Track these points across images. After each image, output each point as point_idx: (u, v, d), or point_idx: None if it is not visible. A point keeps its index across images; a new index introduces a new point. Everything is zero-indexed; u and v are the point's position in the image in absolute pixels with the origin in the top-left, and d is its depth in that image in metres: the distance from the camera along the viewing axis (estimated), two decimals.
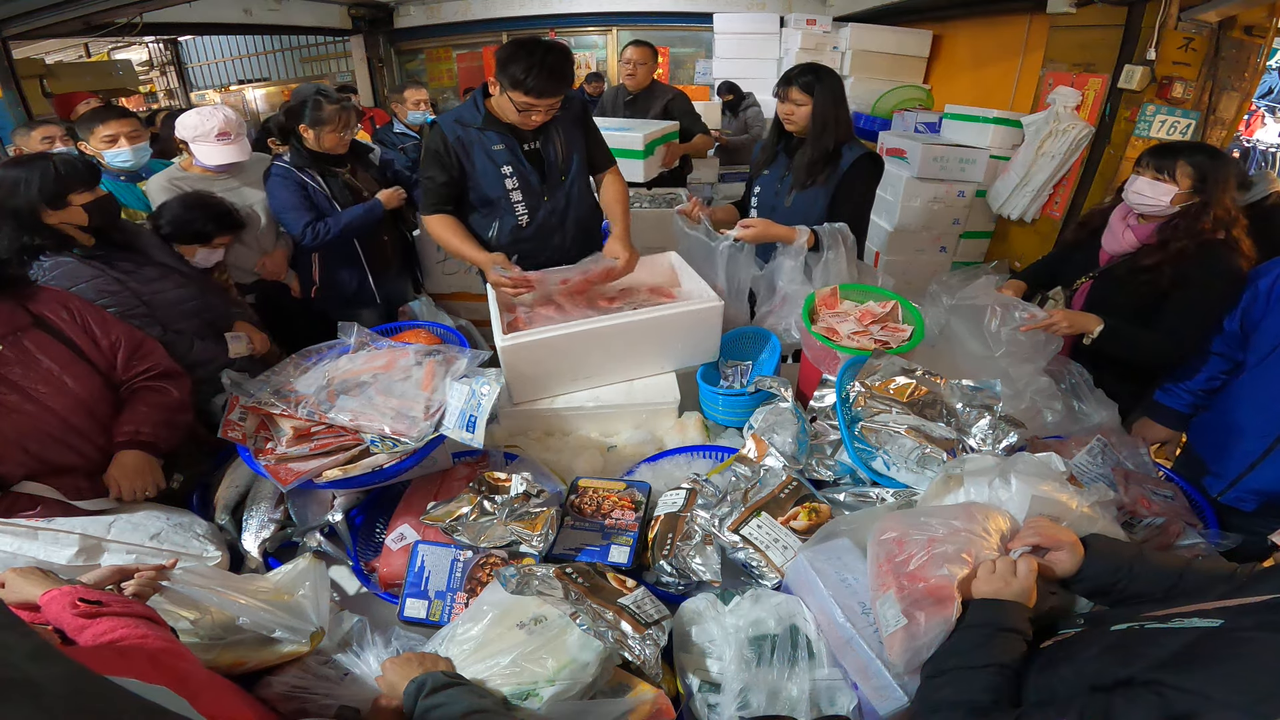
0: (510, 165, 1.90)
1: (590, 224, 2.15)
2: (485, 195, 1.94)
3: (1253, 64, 2.99)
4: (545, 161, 1.95)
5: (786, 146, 2.06)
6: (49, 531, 1.19)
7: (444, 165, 1.90)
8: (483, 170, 1.90)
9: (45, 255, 1.56)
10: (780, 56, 5.17)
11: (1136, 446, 1.43)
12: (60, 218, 1.56)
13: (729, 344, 1.87)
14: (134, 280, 1.68)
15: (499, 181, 1.91)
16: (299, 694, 0.96)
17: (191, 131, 2.22)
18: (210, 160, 2.25)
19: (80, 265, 1.58)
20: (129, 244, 1.74)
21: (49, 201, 1.52)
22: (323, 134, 2.29)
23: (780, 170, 2.08)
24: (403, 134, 3.91)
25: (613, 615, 0.97)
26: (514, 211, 1.96)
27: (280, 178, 2.30)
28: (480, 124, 1.87)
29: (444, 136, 1.88)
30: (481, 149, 1.88)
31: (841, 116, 1.94)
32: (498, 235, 1.99)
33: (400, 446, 1.27)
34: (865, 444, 1.30)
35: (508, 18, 6.83)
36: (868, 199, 2.06)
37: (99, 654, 0.73)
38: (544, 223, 2.00)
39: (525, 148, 1.92)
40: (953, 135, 3.83)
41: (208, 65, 10.15)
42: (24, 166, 1.53)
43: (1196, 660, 0.66)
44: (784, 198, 2.04)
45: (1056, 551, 0.92)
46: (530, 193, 1.95)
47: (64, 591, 0.83)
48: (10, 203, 1.50)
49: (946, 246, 3.93)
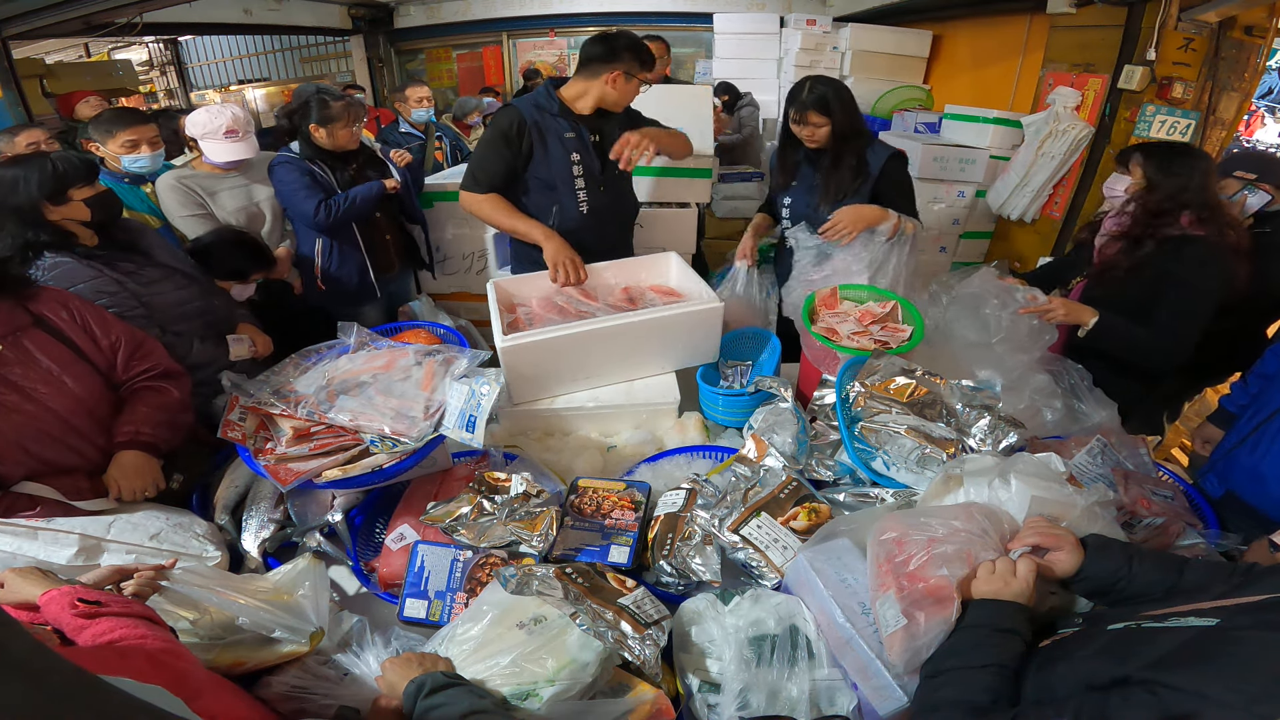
0: (578, 153, 1.99)
1: (629, 221, 2.31)
2: (551, 179, 2.01)
3: (1253, 64, 2.99)
4: (606, 150, 2.00)
5: (807, 158, 2.07)
6: (49, 531, 1.19)
7: (511, 145, 1.96)
8: (554, 155, 1.98)
9: (46, 254, 1.55)
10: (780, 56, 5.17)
11: (1136, 447, 1.43)
12: (62, 213, 1.55)
13: (729, 344, 1.87)
14: (134, 281, 1.67)
15: (567, 167, 1.99)
16: (299, 694, 0.96)
17: (200, 129, 2.24)
18: (218, 157, 2.27)
19: (79, 265, 1.58)
20: (132, 244, 1.73)
21: (50, 197, 1.52)
22: (335, 131, 2.32)
23: (809, 183, 2.08)
24: (408, 133, 3.92)
25: (613, 615, 0.97)
26: (576, 197, 2.04)
27: (286, 164, 2.32)
28: (556, 111, 1.96)
29: (521, 118, 1.95)
30: (555, 134, 1.97)
31: (859, 125, 1.97)
32: (558, 218, 2.05)
33: (400, 446, 1.27)
34: (865, 444, 1.30)
35: (508, 18, 6.82)
36: (911, 195, 2.08)
37: (98, 654, 0.73)
38: (600, 211, 2.08)
39: (593, 139, 2.02)
40: (952, 135, 3.83)
41: (208, 65, 10.14)
42: (21, 165, 1.53)
43: (1192, 659, 0.65)
44: (819, 210, 2.04)
45: (1056, 551, 0.92)
46: (592, 180, 2.04)
47: (63, 592, 0.83)
48: (11, 200, 1.50)
49: (946, 247, 3.93)
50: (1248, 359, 2.07)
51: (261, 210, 2.43)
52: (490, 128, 2.03)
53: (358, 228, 2.45)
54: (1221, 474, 1.46)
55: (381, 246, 2.56)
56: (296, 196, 2.31)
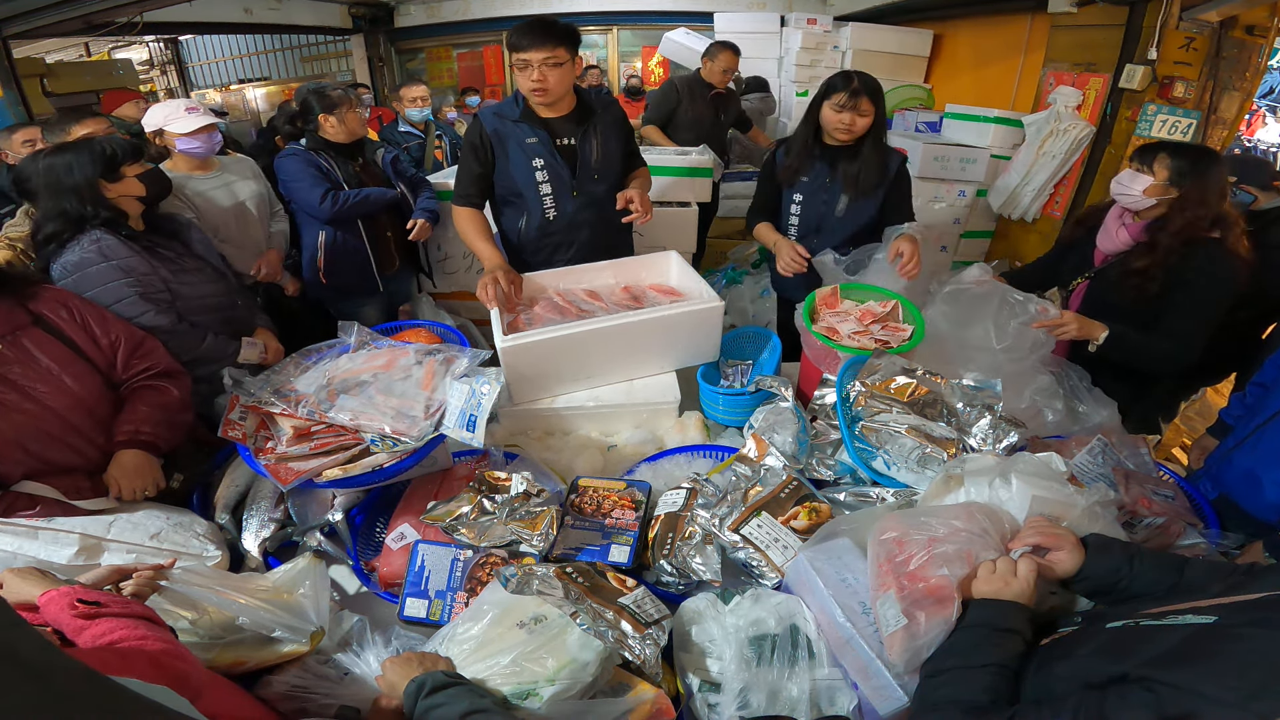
0: (542, 158, 1.95)
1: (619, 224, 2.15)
2: (515, 187, 1.99)
3: (1254, 64, 2.99)
4: (579, 158, 1.98)
5: (824, 153, 2.03)
6: (49, 531, 1.19)
7: (479, 158, 1.96)
8: (515, 161, 1.95)
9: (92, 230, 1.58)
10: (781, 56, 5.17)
11: (1137, 446, 1.43)
12: (119, 190, 1.62)
13: (729, 344, 1.87)
14: (166, 268, 1.70)
15: (530, 173, 1.96)
16: (299, 694, 0.96)
17: (161, 115, 2.20)
18: (187, 127, 2.18)
19: (118, 242, 1.61)
20: (175, 233, 1.79)
21: (105, 174, 1.58)
22: (344, 115, 2.34)
23: (822, 178, 2.05)
24: (407, 132, 3.93)
25: (613, 615, 0.97)
26: (542, 204, 2.01)
27: (293, 156, 2.34)
28: (517, 116, 1.93)
29: (482, 128, 1.94)
30: (516, 140, 1.94)
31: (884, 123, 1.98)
32: (526, 228, 2.04)
33: (400, 446, 1.27)
34: (865, 444, 1.30)
35: (508, 17, 6.82)
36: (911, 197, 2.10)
37: (99, 655, 0.73)
38: (573, 218, 2.04)
39: (559, 143, 1.96)
40: (953, 135, 3.83)
41: (208, 65, 10.14)
42: (71, 150, 1.59)
43: (1189, 656, 0.65)
44: (834, 206, 2.03)
45: (1057, 551, 0.92)
46: (560, 187, 1.99)
47: (62, 592, 0.83)
48: (69, 181, 1.56)
49: (947, 246, 3.92)
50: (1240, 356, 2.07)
51: (247, 208, 2.39)
52: (464, 139, 2.04)
53: (361, 223, 2.47)
54: (1216, 478, 1.45)
55: (383, 242, 2.56)
56: (302, 185, 2.32)
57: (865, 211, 2.04)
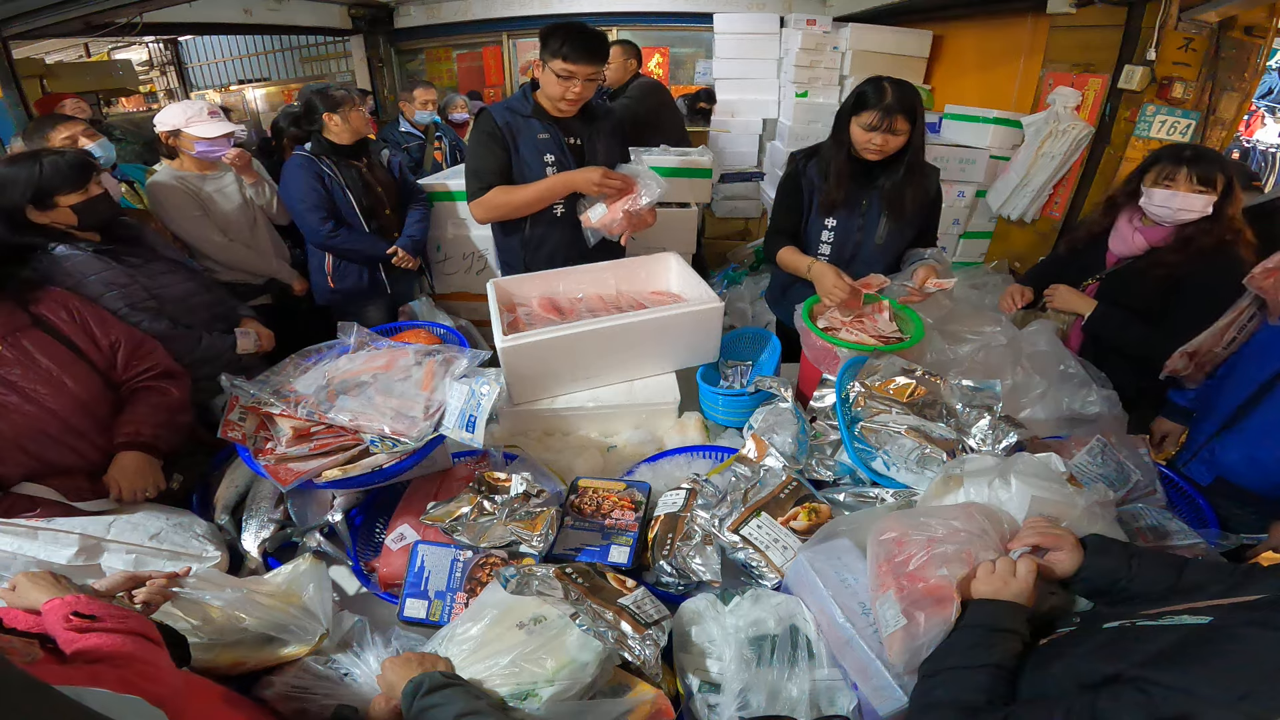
0: (553, 154, 1.96)
1: None
2: (525, 182, 1.98)
3: (1253, 64, 2.99)
4: (586, 158, 1.99)
5: (857, 171, 1.81)
6: (49, 531, 1.19)
7: (501, 144, 1.94)
8: (526, 156, 1.96)
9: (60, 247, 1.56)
10: (780, 56, 5.16)
11: (1137, 447, 1.43)
12: (49, 218, 1.57)
13: (729, 344, 1.87)
14: (143, 274, 1.69)
15: (541, 169, 1.97)
16: (299, 694, 0.97)
17: (181, 115, 2.22)
18: (211, 132, 2.24)
19: (91, 258, 1.60)
20: (135, 238, 1.76)
21: (34, 202, 1.53)
22: (349, 114, 2.35)
23: (857, 200, 1.84)
24: (408, 133, 3.93)
25: (613, 615, 0.97)
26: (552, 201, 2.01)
27: (299, 166, 2.35)
28: (529, 112, 1.94)
29: (494, 120, 1.94)
30: (527, 136, 1.95)
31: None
32: (534, 221, 2.04)
33: (400, 446, 1.27)
34: (865, 444, 1.30)
35: (508, 18, 6.81)
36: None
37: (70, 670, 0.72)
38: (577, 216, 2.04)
39: (569, 141, 1.98)
40: (952, 135, 3.82)
41: (208, 65, 10.13)
42: (15, 165, 1.55)
43: (1183, 657, 0.65)
44: (872, 233, 1.85)
45: (1056, 552, 0.92)
46: None
47: (65, 602, 0.82)
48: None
49: (946, 247, 3.92)
50: None
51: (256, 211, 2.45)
52: (474, 133, 2.03)
53: (369, 226, 2.49)
54: (1208, 461, 1.45)
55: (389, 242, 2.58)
56: (302, 209, 2.36)
57: (901, 235, 1.87)
